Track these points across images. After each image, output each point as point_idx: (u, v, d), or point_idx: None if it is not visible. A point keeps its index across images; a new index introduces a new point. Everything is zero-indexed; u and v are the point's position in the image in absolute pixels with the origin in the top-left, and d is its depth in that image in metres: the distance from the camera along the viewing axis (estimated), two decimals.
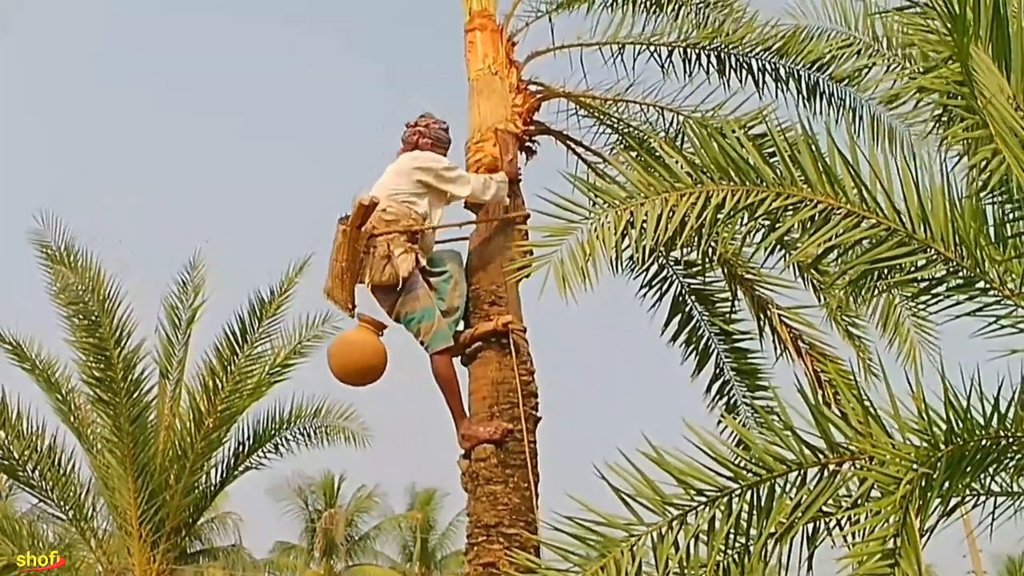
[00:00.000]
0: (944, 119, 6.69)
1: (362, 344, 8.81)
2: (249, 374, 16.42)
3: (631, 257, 10.12)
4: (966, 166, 6.54)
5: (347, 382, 8.94)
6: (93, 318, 16.30)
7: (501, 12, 10.28)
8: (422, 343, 8.73)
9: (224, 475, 17.11)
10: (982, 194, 6.28)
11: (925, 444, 5.83)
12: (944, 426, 5.86)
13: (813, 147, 6.67)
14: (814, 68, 10.36)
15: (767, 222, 6.85)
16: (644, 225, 6.84)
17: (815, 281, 10.41)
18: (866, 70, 10.04)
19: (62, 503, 16.69)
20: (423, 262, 8.93)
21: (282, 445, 17.43)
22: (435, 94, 10.42)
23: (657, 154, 7.22)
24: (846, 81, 10.22)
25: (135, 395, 16.29)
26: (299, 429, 17.50)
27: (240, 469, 17.17)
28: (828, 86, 10.42)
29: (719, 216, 6.77)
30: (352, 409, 17.84)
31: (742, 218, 6.87)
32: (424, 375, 8.71)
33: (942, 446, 5.83)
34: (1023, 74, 5.84)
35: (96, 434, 16.76)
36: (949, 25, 5.80)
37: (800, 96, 10.57)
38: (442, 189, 9.00)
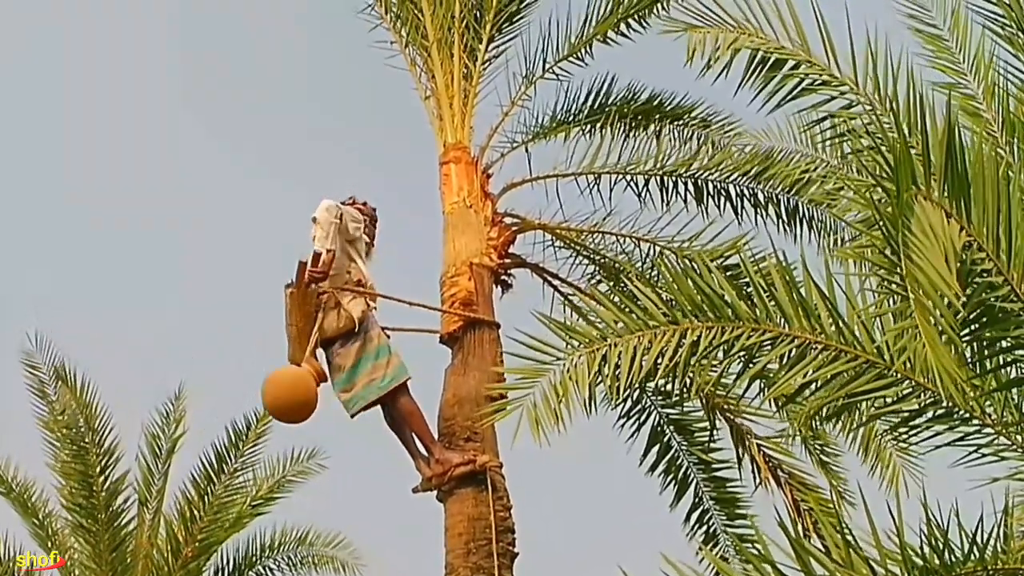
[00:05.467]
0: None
1: (296, 379, 8.76)
2: (229, 504, 16.29)
3: (607, 394, 10.12)
4: None
5: (275, 414, 9.01)
6: (82, 444, 16.25)
7: (476, 144, 10.37)
8: (381, 384, 8.80)
9: None
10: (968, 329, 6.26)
11: None
12: (921, 563, 5.81)
13: (788, 280, 6.65)
14: (792, 191, 10.39)
15: (744, 357, 6.83)
16: (619, 364, 6.82)
17: (791, 411, 10.37)
18: (835, 194, 10.06)
19: None
20: (374, 307, 9.10)
21: (264, 574, 17.23)
22: (408, 227, 10.46)
23: (631, 295, 7.19)
24: (824, 204, 10.23)
25: (116, 523, 16.18)
26: (282, 557, 17.32)
27: None
28: (807, 209, 10.48)
29: (694, 353, 6.75)
30: (341, 537, 17.68)
31: (718, 354, 6.86)
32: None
33: None
34: (990, 210, 5.84)
35: (75, 560, 16.59)
36: (885, 183, 5.81)
37: (780, 220, 10.65)
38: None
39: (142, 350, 26.52)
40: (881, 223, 5.80)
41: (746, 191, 10.63)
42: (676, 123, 11.32)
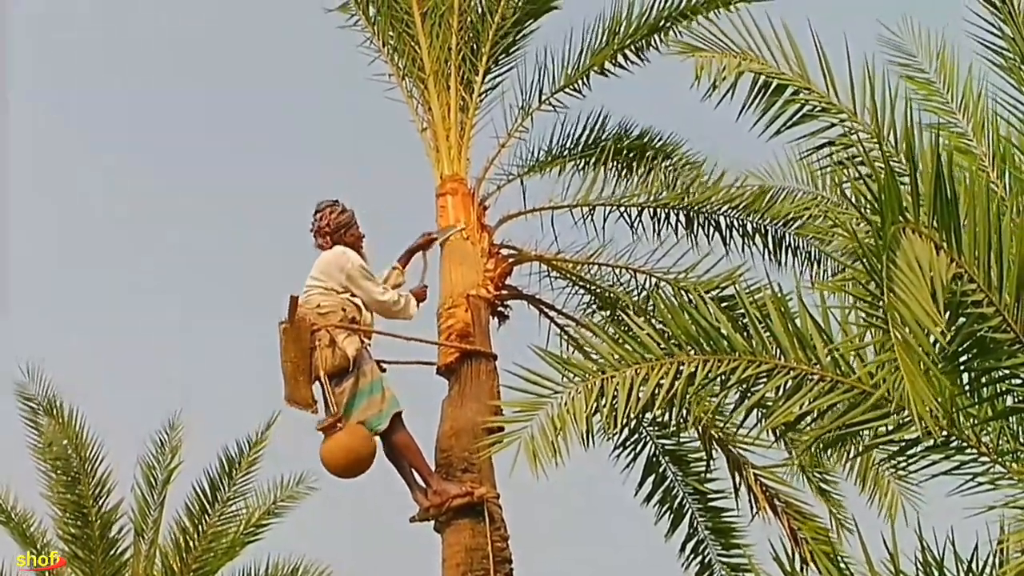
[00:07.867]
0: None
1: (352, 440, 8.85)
2: (223, 533, 16.27)
3: (603, 425, 10.14)
4: None
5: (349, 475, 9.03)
6: (73, 475, 16.23)
7: (472, 176, 10.41)
8: (373, 424, 8.85)
9: None
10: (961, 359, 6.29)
11: None
12: None
13: (784, 311, 6.69)
14: (781, 223, 10.47)
15: (741, 389, 6.86)
16: (616, 397, 6.85)
17: (788, 439, 10.38)
18: (831, 230, 10.10)
19: None
20: (368, 343, 9.14)
21: None
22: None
23: (627, 327, 7.23)
24: (812, 237, 10.27)
25: (111, 554, 16.17)
26: None
27: None
28: (794, 240, 10.55)
29: (691, 385, 6.78)
30: (329, 569, 17.61)
31: (715, 386, 6.89)
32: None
33: None
34: (981, 241, 5.87)
35: None
36: (870, 216, 5.84)
37: (767, 250, 10.72)
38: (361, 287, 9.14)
39: (146, 352, 26.50)
40: (864, 256, 5.85)
41: (735, 222, 10.69)
42: (670, 158, 11.37)
